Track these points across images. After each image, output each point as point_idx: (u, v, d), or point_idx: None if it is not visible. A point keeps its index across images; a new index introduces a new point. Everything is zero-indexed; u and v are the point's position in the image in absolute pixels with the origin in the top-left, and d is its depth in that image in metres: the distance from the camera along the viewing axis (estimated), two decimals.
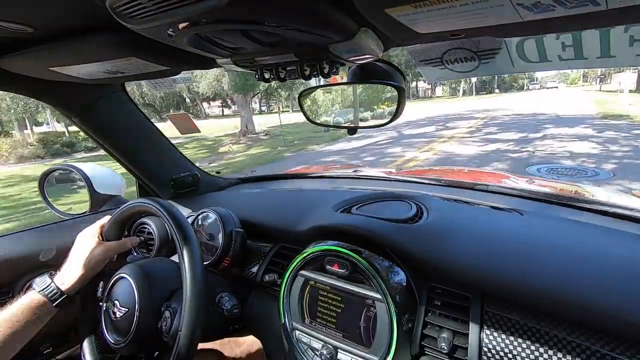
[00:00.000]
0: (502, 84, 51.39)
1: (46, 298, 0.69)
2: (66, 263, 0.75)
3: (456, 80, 38.43)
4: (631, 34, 0.49)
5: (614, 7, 0.34)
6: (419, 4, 0.36)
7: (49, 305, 0.70)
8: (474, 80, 23.42)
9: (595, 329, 0.52)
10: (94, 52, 0.62)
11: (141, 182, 1.23)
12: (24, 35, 0.56)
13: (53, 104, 0.96)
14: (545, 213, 0.87)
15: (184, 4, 0.36)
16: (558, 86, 61.14)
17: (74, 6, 0.48)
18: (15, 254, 0.96)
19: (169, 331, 0.69)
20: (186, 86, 16.78)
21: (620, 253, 0.63)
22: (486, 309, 0.61)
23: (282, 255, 0.90)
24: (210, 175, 1.37)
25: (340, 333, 0.70)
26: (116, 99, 1.02)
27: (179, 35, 0.45)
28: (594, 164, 5.49)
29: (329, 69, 0.57)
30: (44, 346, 0.97)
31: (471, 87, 38.90)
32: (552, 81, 68.88)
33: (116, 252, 0.81)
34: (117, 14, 0.41)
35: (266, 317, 0.87)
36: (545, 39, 0.54)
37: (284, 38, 0.48)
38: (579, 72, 71.64)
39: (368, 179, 1.36)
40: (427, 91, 49.28)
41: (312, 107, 1.38)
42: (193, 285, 0.63)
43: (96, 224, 0.81)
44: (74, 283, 0.73)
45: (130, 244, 0.83)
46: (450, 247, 0.69)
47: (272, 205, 1.12)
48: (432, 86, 43.51)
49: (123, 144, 1.10)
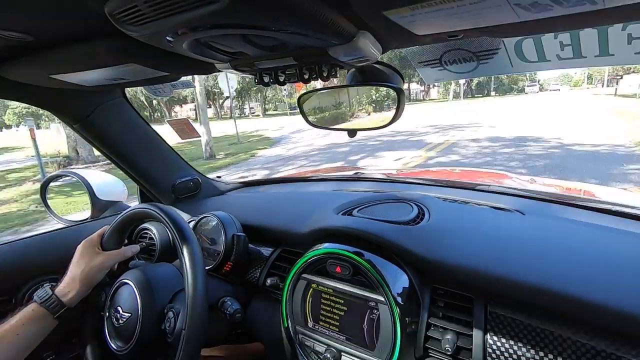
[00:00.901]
0: (500, 86, 48.00)
1: (47, 310, 0.69)
2: (66, 274, 0.75)
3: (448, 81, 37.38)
4: (629, 32, 0.49)
5: (611, 5, 0.34)
6: (416, 6, 0.36)
7: (50, 318, 0.70)
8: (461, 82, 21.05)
9: (600, 329, 0.52)
10: (93, 59, 0.63)
11: (142, 188, 1.23)
12: (23, 43, 0.56)
13: (54, 111, 0.97)
14: (547, 213, 0.86)
15: (182, 10, 0.36)
16: (560, 89, 57.79)
17: (72, 13, 0.48)
18: (17, 262, 0.95)
19: (172, 331, 0.68)
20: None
21: (623, 251, 0.63)
22: (490, 310, 0.60)
23: (284, 259, 0.90)
24: (211, 180, 1.37)
25: (343, 336, 0.70)
26: (116, 105, 1.03)
27: (177, 41, 0.45)
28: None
29: (328, 72, 0.57)
30: (47, 354, 0.97)
31: (462, 90, 35.96)
32: (555, 84, 65.11)
33: (116, 262, 0.81)
34: (115, 20, 0.41)
35: (269, 321, 0.87)
36: (543, 38, 0.54)
37: (283, 42, 0.48)
38: (583, 73, 67.20)
39: (369, 180, 1.36)
40: (420, 93, 45.62)
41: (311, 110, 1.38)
42: (195, 287, 0.63)
43: (95, 234, 0.81)
44: (74, 295, 0.73)
45: (130, 252, 0.83)
46: (453, 248, 0.69)
47: (274, 209, 1.12)
48: (426, 88, 39.83)
49: (124, 150, 1.10)
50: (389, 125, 0.69)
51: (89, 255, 0.76)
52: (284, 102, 27.81)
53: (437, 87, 31.72)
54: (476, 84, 42.48)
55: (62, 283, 0.74)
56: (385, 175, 1.39)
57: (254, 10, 0.37)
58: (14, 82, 0.76)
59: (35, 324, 0.68)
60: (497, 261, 0.63)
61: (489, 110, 18.28)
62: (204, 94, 10.02)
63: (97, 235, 0.81)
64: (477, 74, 0.64)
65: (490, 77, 37.52)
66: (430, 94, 43.82)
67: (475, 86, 43.26)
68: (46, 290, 0.72)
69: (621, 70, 35.77)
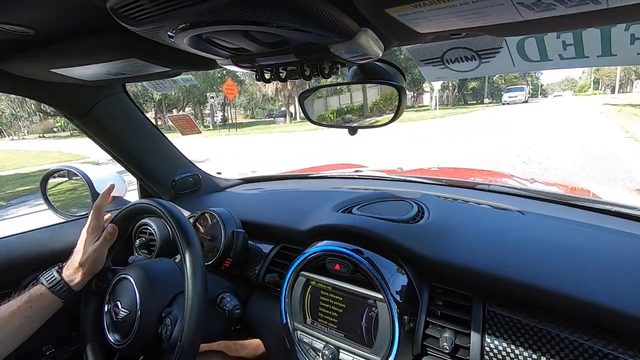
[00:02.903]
0: (496, 92, 37.17)
1: (54, 293, 0.71)
2: (72, 257, 0.77)
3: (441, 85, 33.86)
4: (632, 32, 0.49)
5: (614, 5, 0.34)
6: (419, 4, 0.36)
7: (58, 301, 0.72)
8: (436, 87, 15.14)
9: (598, 328, 0.52)
10: (94, 54, 0.63)
11: (142, 183, 1.24)
12: (24, 37, 0.56)
13: (54, 105, 0.96)
14: (546, 212, 0.87)
15: (184, 5, 0.36)
16: (562, 94, 52.18)
17: (74, 8, 0.48)
18: (18, 255, 0.96)
19: (168, 339, 0.69)
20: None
21: (622, 252, 0.63)
22: (488, 309, 0.60)
23: (283, 256, 0.90)
24: (211, 176, 1.37)
25: (342, 333, 0.70)
26: (117, 100, 1.02)
27: (179, 36, 0.45)
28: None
29: (329, 69, 0.57)
30: (47, 347, 0.97)
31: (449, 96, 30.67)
32: (558, 92, 58.23)
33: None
34: (117, 15, 0.41)
35: (268, 317, 0.87)
36: (546, 37, 0.54)
37: (284, 38, 0.48)
38: (588, 77, 60.98)
39: (369, 179, 1.36)
40: (410, 99, 37.40)
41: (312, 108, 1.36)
42: (194, 295, 0.64)
43: (101, 219, 0.81)
44: (80, 278, 0.74)
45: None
46: (452, 246, 0.69)
47: (273, 206, 1.12)
48: (416, 94, 32.49)
49: (124, 145, 1.10)
50: (390, 123, 0.69)
51: (95, 240, 0.78)
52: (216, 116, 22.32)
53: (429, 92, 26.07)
54: (469, 90, 35.80)
55: (68, 267, 0.75)
56: (385, 173, 1.39)
57: (255, 6, 0.37)
58: (15, 75, 0.76)
59: (43, 306, 0.71)
60: (496, 260, 0.63)
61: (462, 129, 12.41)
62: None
63: (103, 222, 0.81)
64: (479, 73, 0.64)
65: (483, 82, 35.49)
66: (423, 99, 35.63)
67: (469, 93, 36.30)
68: (53, 274, 0.74)
69: (634, 74, 33.23)
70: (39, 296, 0.71)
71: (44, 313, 0.71)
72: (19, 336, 0.69)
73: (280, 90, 23.56)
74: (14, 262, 0.95)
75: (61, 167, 1.25)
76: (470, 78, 32.83)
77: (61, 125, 29.38)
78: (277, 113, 27.89)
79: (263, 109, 34.79)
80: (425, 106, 28.15)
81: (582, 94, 54.16)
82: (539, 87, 58.18)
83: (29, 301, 0.70)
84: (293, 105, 24.06)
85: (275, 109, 30.10)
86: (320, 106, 1.14)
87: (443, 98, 33.19)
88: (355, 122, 2.11)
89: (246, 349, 1.07)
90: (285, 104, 25.11)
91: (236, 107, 29.44)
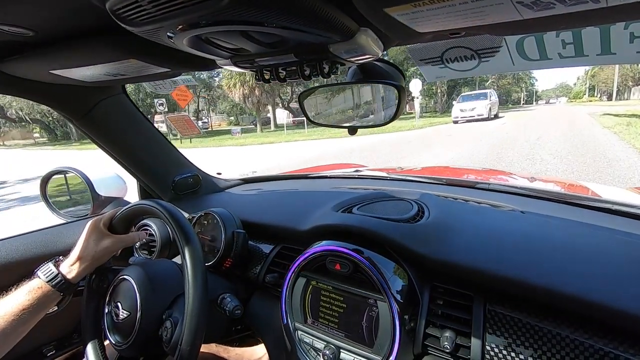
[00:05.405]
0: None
1: (51, 286, 0.70)
2: (73, 250, 0.75)
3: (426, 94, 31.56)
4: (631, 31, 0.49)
5: (613, 4, 0.34)
6: (418, 3, 0.36)
7: (56, 294, 0.70)
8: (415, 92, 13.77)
9: (598, 327, 0.52)
10: (94, 55, 0.63)
11: (142, 184, 1.24)
12: (24, 38, 0.56)
13: (54, 107, 0.96)
14: (546, 211, 0.87)
15: (183, 6, 0.36)
16: (558, 100, 50.05)
17: (74, 9, 0.48)
18: (18, 257, 0.96)
19: (169, 342, 0.69)
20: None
21: (622, 250, 0.63)
22: (489, 308, 0.60)
23: (283, 256, 0.90)
24: (211, 176, 1.37)
25: (342, 333, 0.70)
26: (117, 101, 1.02)
27: (178, 37, 0.45)
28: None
29: (329, 69, 0.57)
30: (47, 348, 0.97)
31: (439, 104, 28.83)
32: (553, 100, 55.02)
33: (124, 246, 0.81)
34: (117, 16, 0.41)
35: (268, 317, 0.87)
36: (545, 36, 0.54)
37: (284, 38, 0.48)
38: (583, 84, 58.05)
39: (369, 178, 1.36)
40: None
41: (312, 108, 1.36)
42: (195, 297, 0.64)
43: (106, 215, 0.81)
44: (78, 272, 0.73)
45: (138, 239, 0.84)
46: (452, 245, 0.69)
47: (274, 206, 1.12)
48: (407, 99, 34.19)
49: (124, 146, 1.10)
50: (389, 123, 0.69)
51: (98, 235, 0.77)
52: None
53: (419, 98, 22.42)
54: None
55: (67, 260, 0.74)
56: (385, 173, 1.39)
57: (254, 6, 0.37)
58: (15, 77, 0.76)
59: (42, 301, 0.69)
60: (496, 259, 0.63)
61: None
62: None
63: (108, 217, 0.80)
64: (478, 72, 0.64)
65: (474, 88, 34.69)
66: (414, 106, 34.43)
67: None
68: (50, 268, 0.72)
69: (630, 81, 31.90)
70: (37, 289, 0.69)
71: (42, 306, 0.70)
72: (20, 329, 0.67)
73: (247, 97, 22.25)
74: (14, 264, 0.95)
75: (62, 168, 1.25)
76: (462, 84, 32.70)
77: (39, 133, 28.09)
78: (263, 120, 27.00)
79: (250, 114, 33.98)
80: (410, 113, 26.30)
81: (577, 101, 50.46)
82: (533, 94, 56.15)
83: (27, 294, 0.68)
84: (264, 112, 22.87)
85: (263, 116, 29.35)
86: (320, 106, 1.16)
87: (431, 105, 32.16)
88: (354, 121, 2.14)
89: (248, 352, 1.06)
90: (256, 110, 23.80)
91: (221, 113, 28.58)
